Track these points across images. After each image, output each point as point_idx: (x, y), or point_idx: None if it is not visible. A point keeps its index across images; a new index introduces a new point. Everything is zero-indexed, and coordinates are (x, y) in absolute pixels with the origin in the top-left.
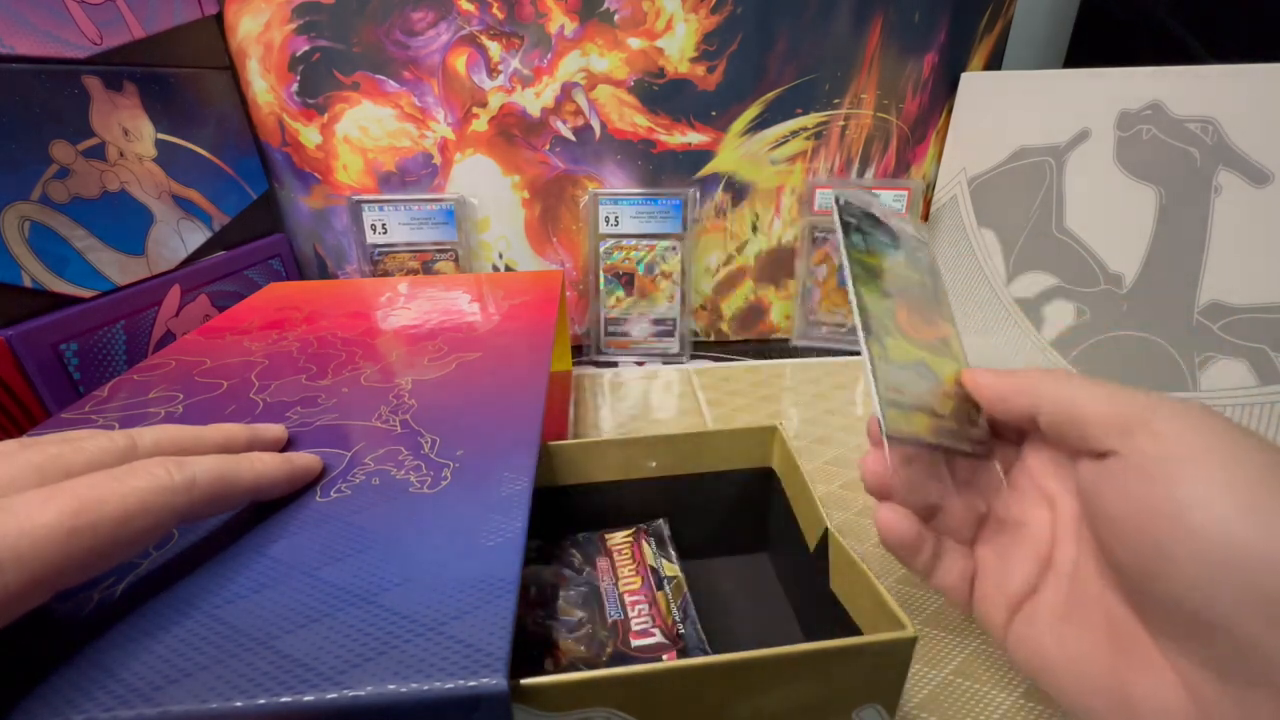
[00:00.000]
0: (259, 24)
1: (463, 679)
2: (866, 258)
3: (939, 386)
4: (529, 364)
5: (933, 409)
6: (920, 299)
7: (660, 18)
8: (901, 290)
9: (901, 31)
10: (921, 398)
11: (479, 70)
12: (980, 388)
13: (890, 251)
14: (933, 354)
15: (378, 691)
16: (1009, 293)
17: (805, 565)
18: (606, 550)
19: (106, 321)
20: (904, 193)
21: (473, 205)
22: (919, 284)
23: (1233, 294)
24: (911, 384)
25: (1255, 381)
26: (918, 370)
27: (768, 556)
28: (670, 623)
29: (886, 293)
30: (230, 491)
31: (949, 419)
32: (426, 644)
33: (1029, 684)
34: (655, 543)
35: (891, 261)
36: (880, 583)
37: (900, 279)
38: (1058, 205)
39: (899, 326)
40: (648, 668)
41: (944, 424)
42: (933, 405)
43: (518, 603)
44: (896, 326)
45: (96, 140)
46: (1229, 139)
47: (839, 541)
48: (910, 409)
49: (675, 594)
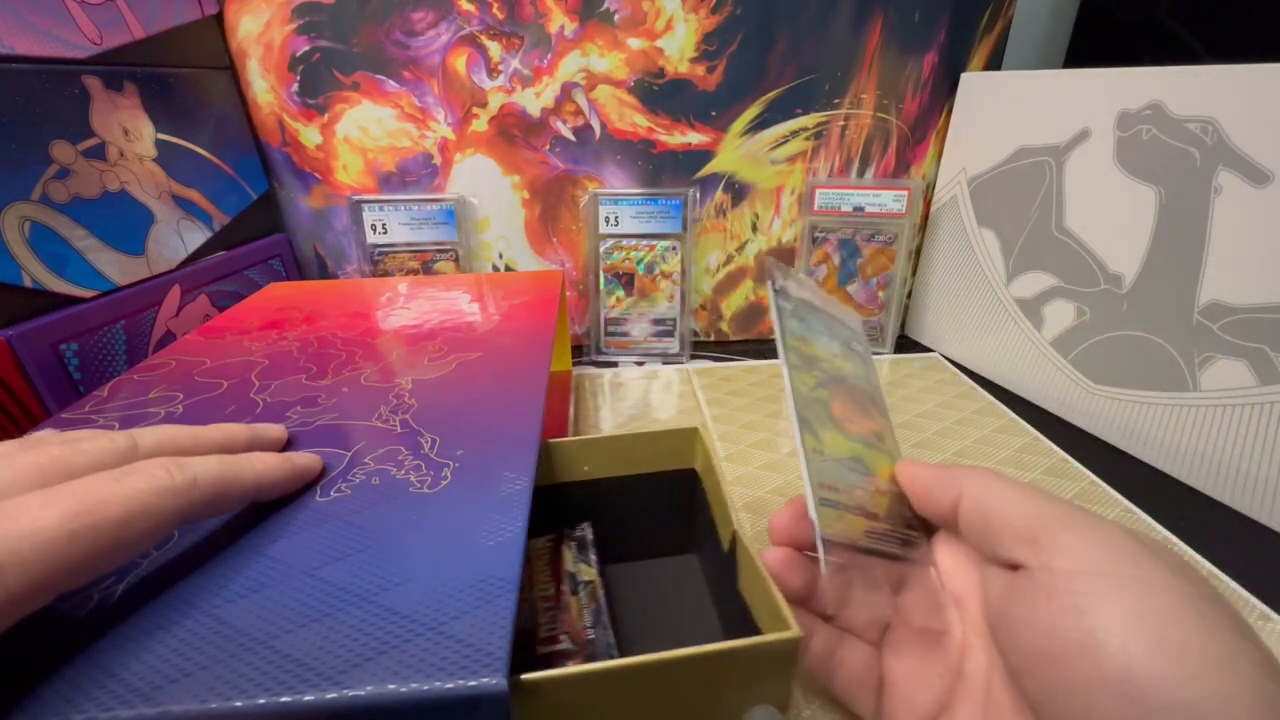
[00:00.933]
0: (259, 24)
1: (463, 679)
2: (803, 346)
3: (872, 483)
4: (529, 364)
5: (866, 508)
6: (855, 390)
7: (660, 18)
8: (837, 380)
9: (901, 31)
10: (856, 496)
11: (479, 70)
12: (910, 480)
13: (825, 339)
14: (867, 448)
15: (377, 691)
16: (1009, 293)
17: (722, 567)
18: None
19: (106, 321)
20: (904, 193)
21: (473, 205)
22: (854, 374)
23: (1233, 294)
24: (846, 481)
25: (1255, 381)
26: (852, 465)
27: (696, 558)
28: (580, 628)
29: (822, 382)
30: (231, 492)
31: (883, 519)
32: (426, 644)
33: None
34: (577, 546)
35: (827, 349)
36: (774, 584)
37: (835, 368)
38: (1058, 205)
39: (834, 418)
40: (533, 676)
41: (877, 525)
42: (866, 504)
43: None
44: (831, 418)
45: (97, 140)
46: (1229, 139)
47: (744, 543)
48: (844, 509)
49: (589, 599)
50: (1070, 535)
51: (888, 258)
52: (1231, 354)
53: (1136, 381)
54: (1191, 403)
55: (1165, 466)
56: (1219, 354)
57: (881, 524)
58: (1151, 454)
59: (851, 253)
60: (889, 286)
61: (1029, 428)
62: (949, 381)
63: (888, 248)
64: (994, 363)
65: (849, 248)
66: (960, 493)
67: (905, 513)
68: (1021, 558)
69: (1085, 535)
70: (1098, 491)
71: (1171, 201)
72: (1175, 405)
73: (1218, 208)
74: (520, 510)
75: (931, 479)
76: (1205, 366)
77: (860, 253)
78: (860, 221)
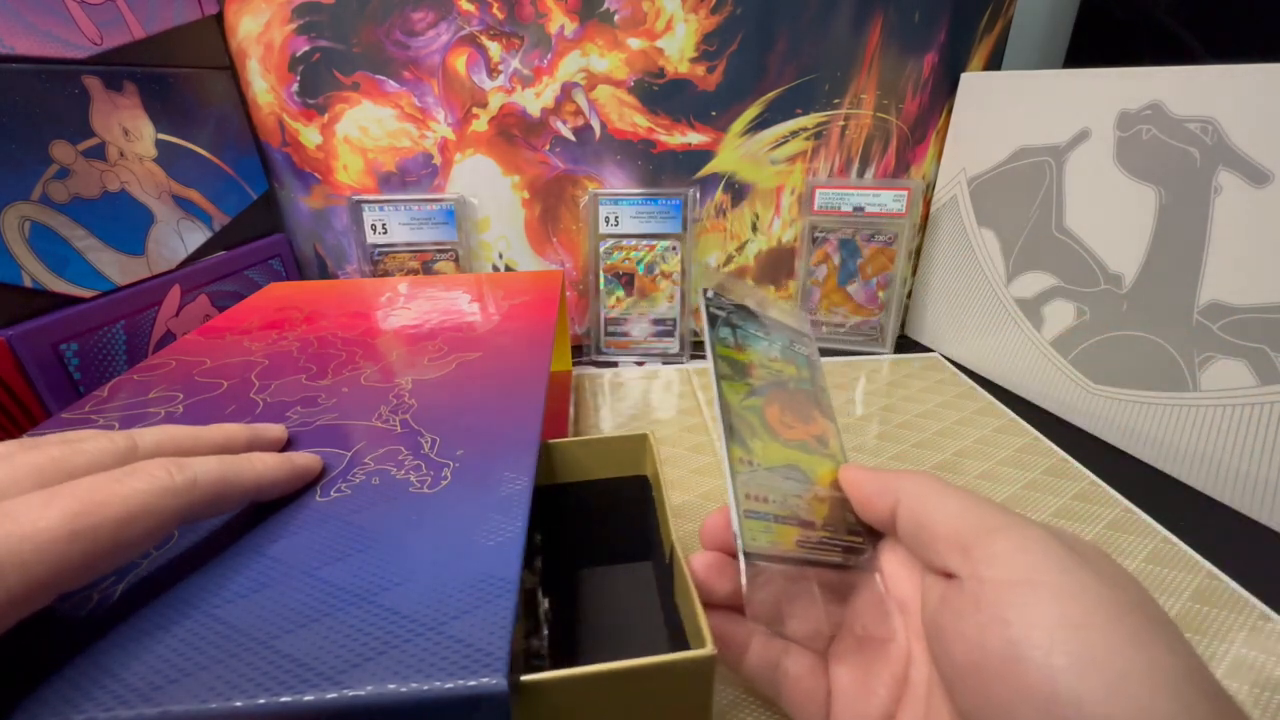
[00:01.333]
0: (259, 24)
1: (462, 679)
2: (736, 353)
3: (811, 490)
4: (529, 364)
5: (801, 517)
6: (796, 395)
7: (660, 18)
8: (775, 385)
9: (901, 31)
10: (790, 505)
11: (479, 70)
12: (850, 487)
13: (763, 344)
14: (807, 454)
15: (377, 691)
16: (1009, 293)
17: (666, 576)
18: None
19: (106, 321)
20: (904, 193)
21: (473, 205)
22: (795, 378)
23: (1233, 294)
24: (779, 490)
25: (1255, 382)
26: (788, 474)
27: (651, 565)
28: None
29: (756, 390)
30: (231, 492)
31: (820, 528)
32: (426, 644)
33: None
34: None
35: (764, 355)
36: (698, 596)
37: (773, 374)
38: (1058, 205)
39: (768, 426)
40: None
41: (813, 534)
42: (801, 513)
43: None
44: (765, 426)
45: (97, 140)
46: (1229, 139)
47: (677, 553)
48: (775, 520)
49: (527, 610)
50: (1001, 543)
51: (888, 258)
52: (1231, 354)
53: (1136, 381)
54: (1191, 403)
55: (1165, 466)
56: (1219, 354)
57: (819, 532)
58: (1151, 454)
59: (851, 253)
60: (889, 286)
61: (1029, 428)
62: (949, 381)
63: (888, 248)
64: (994, 363)
65: (849, 248)
66: (897, 500)
67: (849, 518)
68: (954, 566)
69: (1016, 543)
70: (1098, 491)
71: (1171, 201)
72: (1175, 405)
73: (1218, 208)
74: (520, 510)
75: (871, 485)
76: (1205, 366)
77: (860, 253)
78: (860, 221)
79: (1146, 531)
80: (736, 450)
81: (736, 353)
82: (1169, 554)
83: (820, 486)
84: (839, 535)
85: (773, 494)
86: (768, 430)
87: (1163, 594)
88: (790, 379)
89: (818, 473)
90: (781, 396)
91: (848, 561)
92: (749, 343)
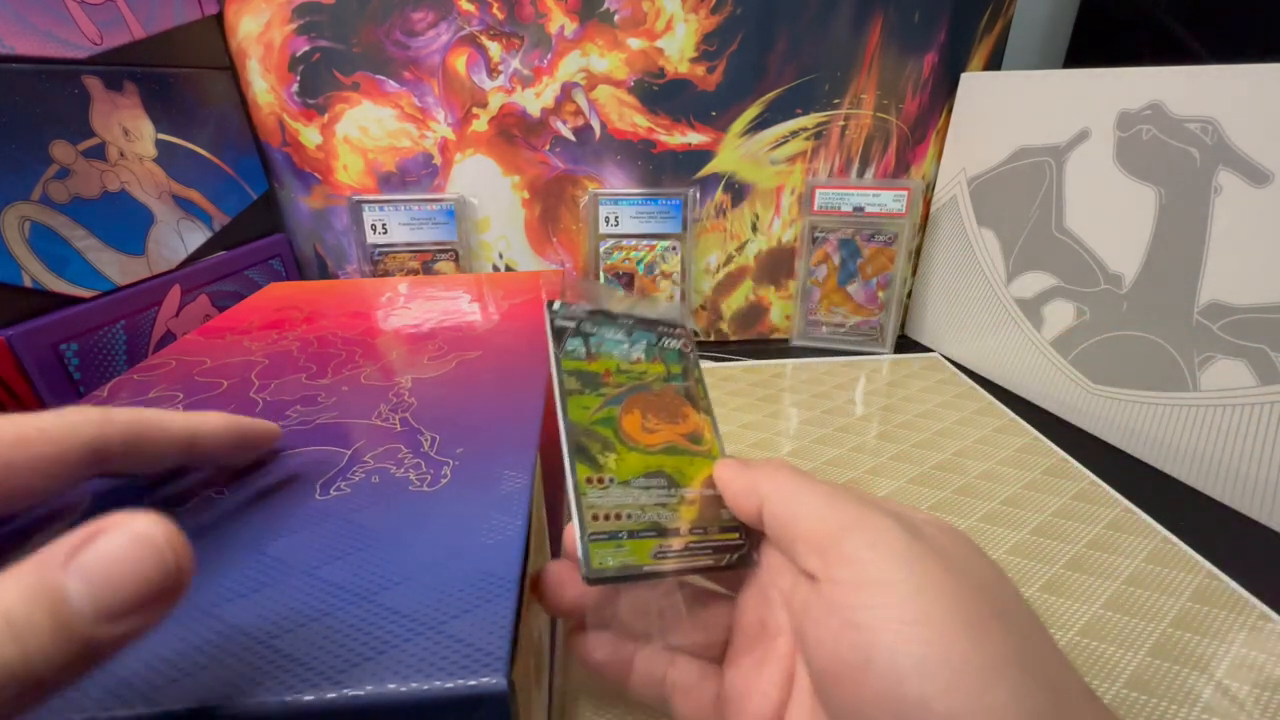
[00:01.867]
0: (259, 24)
1: (463, 678)
2: (587, 364)
3: (678, 495)
4: (529, 363)
5: (664, 526)
6: (662, 394)
7: (660, 18)
8: (636, 389)
9: (901, 31)
10: (648, 516)
11: (479, 70)
12: (720, 485)
13: (621, 348)
14: (674, 456)
15: (377, 691)
16: (1009, 293)
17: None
18: None
19: (107, 321)
20: (904, 193)
21: (473, 205)
22: (661, 376)
23: (1233, 294)
24: (637, 503)
25: (1255, 382)
26: (648, 483)
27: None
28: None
29: (611, 399)
30: (151, 432)
31: (688, 533)
32: (426, 643)
33: None
34: None
35: (623, 359)
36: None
37: (633, 377)
38: (1057, 205)
39: (624, 436)
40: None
41: (676, 542)
42: (665, 522)
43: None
44: (621, 437)
45: (97, 140)
46: (1229, 139)
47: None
48: (629, 536)
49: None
50: (855, 542)
51: (888, 258)
52: (1231, 354)
53: (1136, 381)
54: (1191, 403)
55: (1165, 466)
56: (1219, 354)
57: (685, 538)
58: (1151, 454)
59: (851, 253)
60: (889, 286)
61: (1029, 428)
62: (949, 382)
63: (888, 248)
64: (994, 363)
65: (849, 248)
66: (761, 499)
67: (723, 515)
68: (813, 568)
69: (866, 539)
70: (1098, 491)
71: (1171, 201)
72: (1175, 405)
73: (1218, 207)
74: (520, 509)
75: (737, 483)
76: (1205, 366)
77: (860, 253)
78: (860, 221)
79: (1146, 531)
80: (584, 469)
81: (587, 364)
82: (1169, 554)
83: (690, 488)
84: (711, 536)
85: (629, 508)
86: (624, 440)
87: (1163, 594)
88: (655, 378)
89: (687, 474)
90: (643, 400)
91: (721, 561)
92: (604, 349)
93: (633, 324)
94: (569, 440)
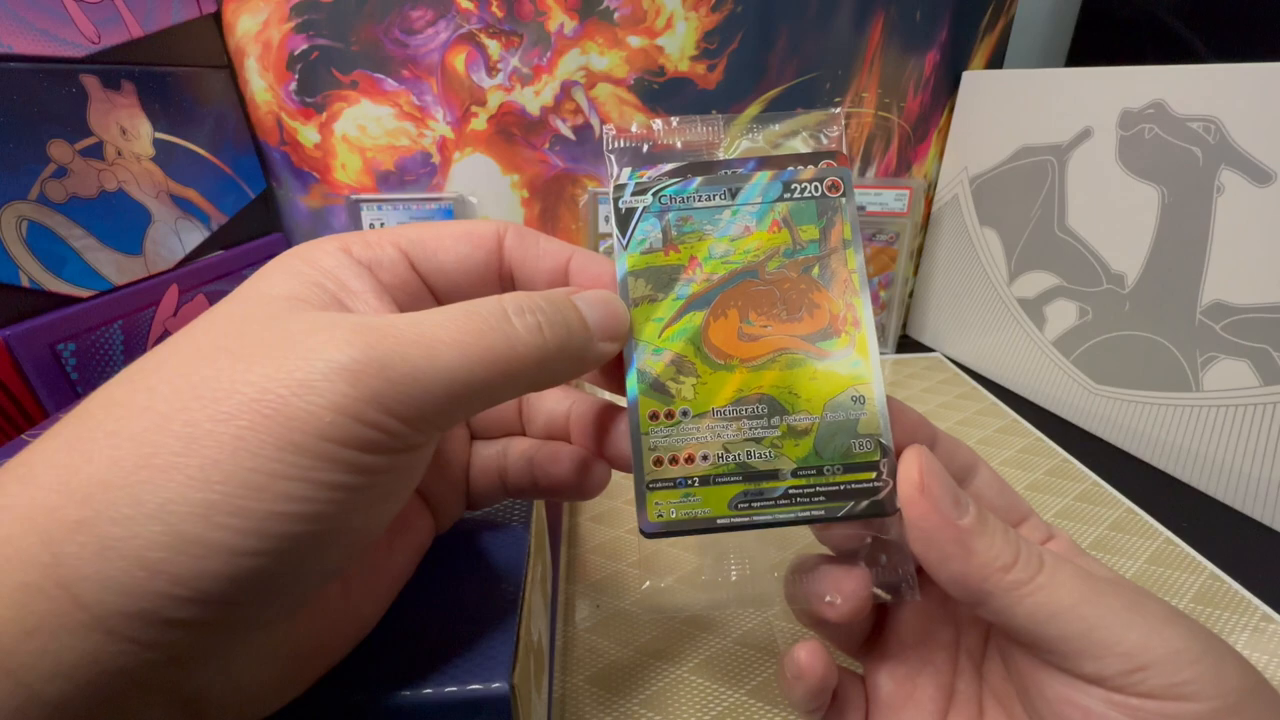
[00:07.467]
0: (257, 23)
1: (465, 682)
2: (662, 257)
3: (781, 425)
4: None
5: (754, 468)
6: (779, 278)
7: (660, 16)
8: (737, 277)
9: (903, 30)
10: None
11: (478, 69)
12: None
13: (721, 218)
14: (786, 371)
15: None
16: (1011, 292)
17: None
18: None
19: (104, 321)
20: (905, 192)
21: (472, 204)
22: (783, 249)
23: (1235, 294)
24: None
25: (1257, 382)
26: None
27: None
28: None
29: (697, 300)
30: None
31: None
32: (428, 645)
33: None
34: None
35: (723, 240)
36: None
37: (735, 260)
38: (1060, 204)
39: (711, 351)
40: None
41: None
42: (755, 462)
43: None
44: (706, 353)
45: (94, 139)
46: (1231, 138)
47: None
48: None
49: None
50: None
51: (889, 257)
52: (1234, 354)
53: (1139, 382)
54: (1194, 403)
55: (1167, 467)
56: (1221, 354)
57: (783, 481)
58: (1154, 454)
59: None
60: (891, 286)
61: (1031, 428)
62: (951, 381)
63: (889, 247)
64: (996, 363)
65: None
66: (1035, 587)
67: (852, 444)
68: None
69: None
70: (1100, 492)
71: (1174, 201)
72: (1178, 406)
73: (1220, 207)
74: (524, 511)
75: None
76: (1208, 367)
77: None
78: (862, 220)
79: (1149, 532)
80: (648, 403)
81: (662, 256)
82: (1171, 555)
83: (804, 414)
84: (828, 478)
85: (704, 448)
86: (708, 358)
87: (1165, 595)
88: (771, 254)
89: (803, 392)
90: (746, 293)
91: (838, 511)
92: (692, 226)
93: (753, 168)
94: (631, 369)
